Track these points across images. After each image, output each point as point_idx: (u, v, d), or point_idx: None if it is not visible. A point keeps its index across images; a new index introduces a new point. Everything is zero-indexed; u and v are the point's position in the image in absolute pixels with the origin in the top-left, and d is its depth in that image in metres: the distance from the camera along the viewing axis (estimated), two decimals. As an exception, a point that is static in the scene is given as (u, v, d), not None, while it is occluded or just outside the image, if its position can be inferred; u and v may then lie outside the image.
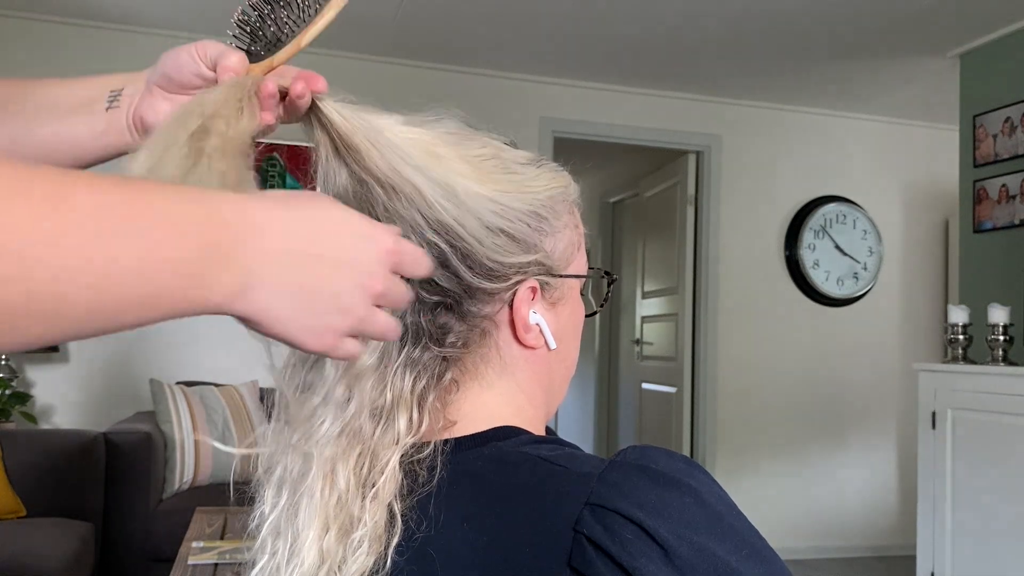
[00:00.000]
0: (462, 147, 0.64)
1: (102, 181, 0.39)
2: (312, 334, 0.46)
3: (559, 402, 0.72)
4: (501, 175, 0.64)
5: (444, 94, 4.31)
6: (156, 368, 3.81)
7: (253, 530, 0.64)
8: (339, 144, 0.61)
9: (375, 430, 0.61)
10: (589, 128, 4.53)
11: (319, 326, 0.46)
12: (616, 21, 3.69)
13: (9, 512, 2.92)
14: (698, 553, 0.51)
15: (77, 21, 3.80)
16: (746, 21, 3.64)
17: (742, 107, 4.75)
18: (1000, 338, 3.16)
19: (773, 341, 4.74)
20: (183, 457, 3.32)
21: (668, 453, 0.56)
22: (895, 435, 4.91)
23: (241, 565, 0.66)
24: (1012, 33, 3.59)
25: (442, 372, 0.64)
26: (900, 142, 5.00)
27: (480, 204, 0.62)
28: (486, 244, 0.62)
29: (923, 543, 3.22)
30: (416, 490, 0.60)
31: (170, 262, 0.39)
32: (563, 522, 0.53)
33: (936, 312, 5.02)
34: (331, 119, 0.61)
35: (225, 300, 0.42)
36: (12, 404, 3.41)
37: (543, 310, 0.67)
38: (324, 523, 0.59)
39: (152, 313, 0.40)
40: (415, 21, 3.76)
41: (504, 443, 0.62)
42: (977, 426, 3.04)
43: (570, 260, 0.69)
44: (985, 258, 3.64)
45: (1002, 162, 3.58)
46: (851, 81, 4.36)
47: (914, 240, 5.02)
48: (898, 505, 4.89)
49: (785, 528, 4.66)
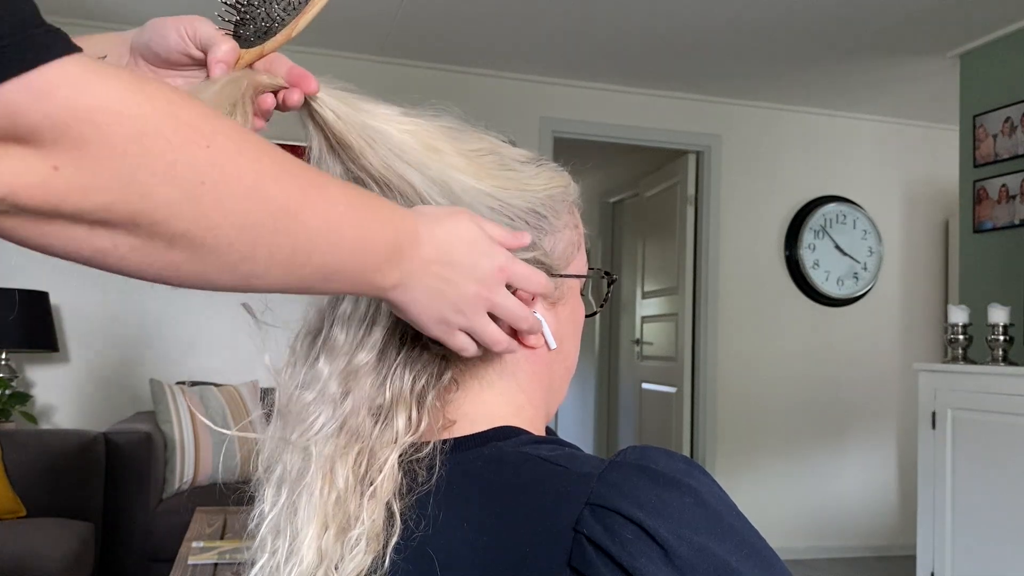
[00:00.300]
0: (460, 141, 0.64)
1: (339, 183, 0.53)
2: (435, 324, 0.58)
3: (559, 402, 0.72)
4: (499, 171, 0.64)
5: (444, 94, 4.28)
6: (156, 368, 3.81)
7: (253, 529, 0.64)
8: (333, 142, 0.62)
9: (374, 428, 0.61)
10: (589, 128, 4.53)
11: (441, 319, 0.58)
12: (616, 21, 3.69)
13: (9, 512, 2.92)
14: (698, 553, 0.51)
15: (77, 21, 3.80)
16: (746, 21, 3.64)
17: (742, 107, 4.75)
18: (1000, 338, 3.16)
19: (773, 341, 4.74)
20: (183, 457, 3.32)
21: (668, 453, 0.56)
22: (895, 435, 4.91)
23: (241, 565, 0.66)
24: (1012, 33, 3.59)
25: (441, 371, 0.64)
26: (900, 142, 5.00)
27: (477, 199, 0.62)
28: None
29: (923, 543, 3.22)
30: (415, 489, 0.60)
31: (371, 252, 0.52)
32: (563, 522, 0.53)
33: (936, 312, 5.02)
34: (324, 118, 0.61)
35: (386, 288, 0.55)
36: (12, 404, 3.41)
37: (543, 310, 0.67)
38: (323, 522, 0.59)
39: (339, 284, 0.52)
40: (415, 21, 3.76)
41: (504, 443, 0.62)
42: (977, 426, 3.04)
43: (570, 260, 0.69)
44: (985, 258, 3.64)
45: (1002, 162, 3.58)
46: (851, 81, 4.36)
47: (914, 240, 5.02)
48: (898, 505, 4.89)
49: (785, 528, 4.66)
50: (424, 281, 0.56)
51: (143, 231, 0.42)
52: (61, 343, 3.72)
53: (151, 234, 0.43)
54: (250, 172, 0.45)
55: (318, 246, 0.49)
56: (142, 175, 0.40)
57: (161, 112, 0.41)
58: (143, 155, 0.40)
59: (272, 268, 0.48)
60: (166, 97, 0.42)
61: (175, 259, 0.44)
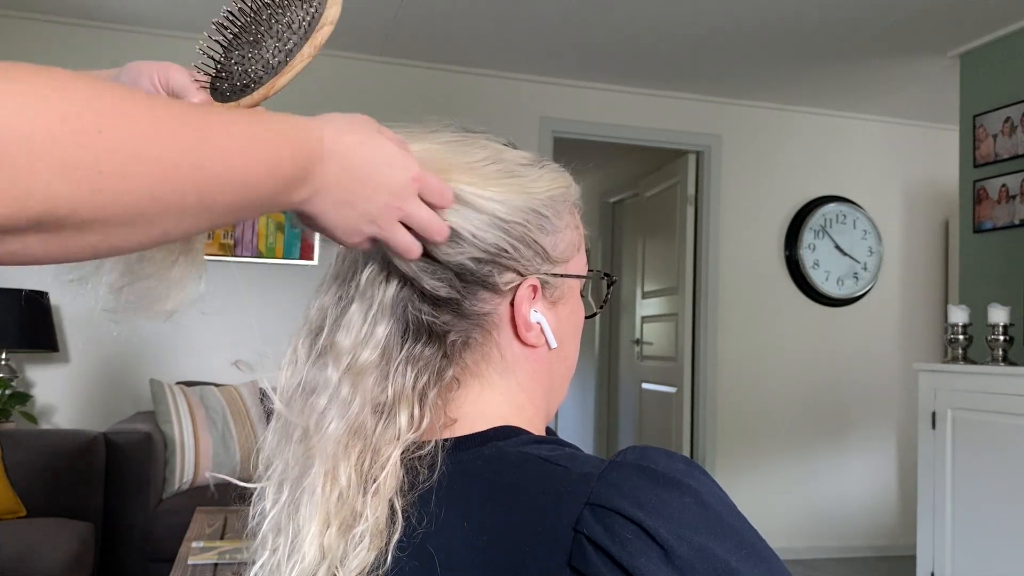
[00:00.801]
0: (464, 155, 0.65)
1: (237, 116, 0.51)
2: (346, 233, 0.59)
3: (560, 401, 0.73)
4: (504, 179, 0.65)
5: (444, 94, 4.32)
6: (156, 368, 3.81)
7: (254, 527, 0.64)
8: None
9: (376, 426, 0.61)
10: (589, 128, 4.54)
11: (353, 228, 0.59)
12: (616, 21, 3.69)
13: (9, 512, 2.92)
14: (698, 553, 0.51)
15: (77, 21, 3.80)
16: (746, 21, 3.64)
17: (742, 107, 4.76)
18: (1000, 338, 3.16)
19: (773, 341, 4.75)
20: (183, 457, 3.32)
21: (668, 453, 0.56)
22: (895, 435, 4.91)
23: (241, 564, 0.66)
24: (1012, 33, 3.59)
25: (443, 369, 0.64)
26: (900, 142, 5.00)
27: (479, 201, 0.63)
28: (483, 239, 0.63)
29: (923, 543, 3.22)
30: (417, 487, 0.60)
31: (279, 178, 0.52)
32: (563, 522, 0.53)
33: (936, 312, 5.03)
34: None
35: (296, 203, 0.56)
36: (12, 404, 3.41)
37: (544, 309, 0.67)
38: (325, 519, 0.59)
39: (251, 213, 0.53)
40: (414, 22, 3.76)
41: (504, 443, 0.62)
42: (977, 426, 3.04)
43: (570, 260, 0.69)
44: (985, 258, 3.64)
45: (1002, 162, 3.58)
46: (851, 81, 4.36)
47: (914, 240, 5.02)
48: (898, 505, 4.89)
49: (785, 528, 4.66)
50: (335, 193, 0.57)
51: (50, 228, 0.42)
52: (61, 343, 3.72)
53: (58, 228, 0.42)
54: (147, 144, 0.44)
55: (225, 189, 0.49)
56: (36, 181, 0.40)
57: (46, 110, 0.40)
58: (34, 161, 0.39)
59: (183, 221, 0.48)
60: (51, 86, 0.41)
61: (88, 241, 0.44)
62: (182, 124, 0.46)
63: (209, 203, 0.48)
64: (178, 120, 0.46)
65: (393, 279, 0.64)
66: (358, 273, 0.65)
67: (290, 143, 0.53)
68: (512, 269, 0.65)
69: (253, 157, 0.50)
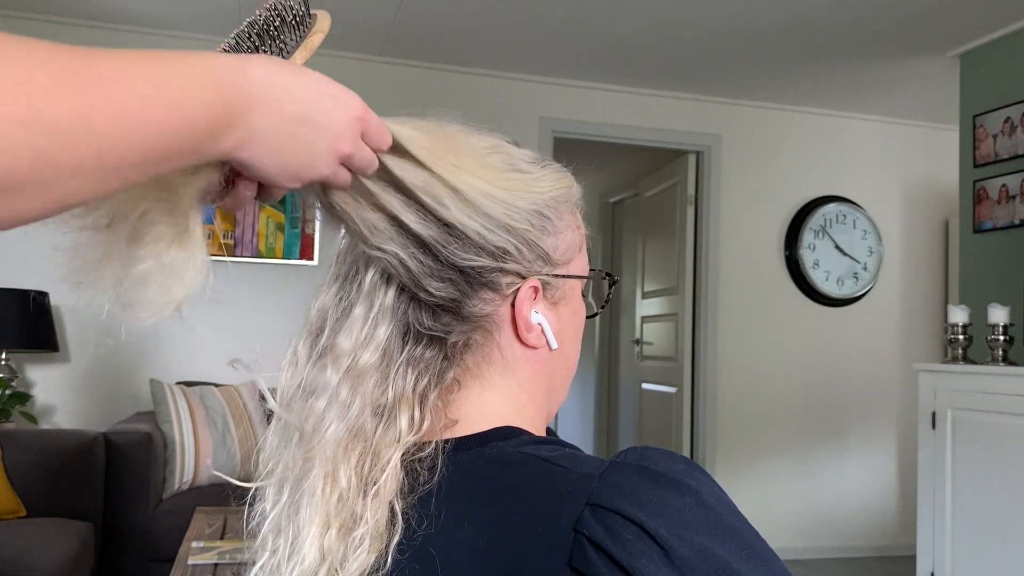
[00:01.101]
0: (470, 140, 0.65)
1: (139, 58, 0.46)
2: (287, 178, 0.56)
3: (560, 402, 0.73)
4: (507, 172, 0.65)
5: (444, 94, 4.31)
6: (156, 368, 3.81)
7: (254, 528, 0.64)
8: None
9: (377, 428, 0.61)
10: (589, 128, 4.54)
11: (293, 174, 0.55)
12: (616, 21, 3.69)
13: (9, 512, 2.92)
14: (698, 553, 0.51)
15: (77, 21, 3.80)
16: (746, 21, 3.64)
17: (742, 107, 4.76)
18: (1000, 338, 3.16)
19: (773, 341, 4.75)
20: (183, 457, 3.32)
21: (668, 454, 0.56)
22: (895, 435, 4.91)
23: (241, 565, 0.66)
24: (1012, 33, 3.59)
25: (444, 371, 0.64)
26: (900, 142, 5.00)
27: (485, 202, 0.62)
28: (488, 240, 0.62)
29: (923, 543, 3.22)
30: (417, 489, 0.60)
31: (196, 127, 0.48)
32: (564, 522, 0.53)
33: (936, 312, 5.03)
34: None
35: (227, 152, 0.51)
36: (12, 404, 3.41)
37: (544, 310, 0.67)
38: (325, 521, 0.59)
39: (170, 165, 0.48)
40: (414, 21, 3.76)
41: (505, 443, 0.62)
42: (977, 426, 3.04)
43: (571, 260, 0.69)
44: (985, 258, 3.64)
45: (1002, 162, 3.58)
46: (851, 81, 4.36)
47: (914, 240, 5.02)
48: (898, 505, 4.89)
49: (785, 528, 4.66)
50: (271, 139, 0.53)
51: None
52: (61, 343, 3.72)
53: None
54: (27, 105, 0.39)
55: (130, 144, 0.44)
56: None
57: None
58: None
59: (85, 184, 0.43)
60: None
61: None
62: (66, 74, 0.41)
63: (112, 161, 0.44)
64: (63, 69, 0.41)
65: (394, 281, 0.64)
66: (360, 274, 0.65)
67: (211, 85, 0.48)
68: (514, 271, 0.64)
69: (160, 104, 0.45)
